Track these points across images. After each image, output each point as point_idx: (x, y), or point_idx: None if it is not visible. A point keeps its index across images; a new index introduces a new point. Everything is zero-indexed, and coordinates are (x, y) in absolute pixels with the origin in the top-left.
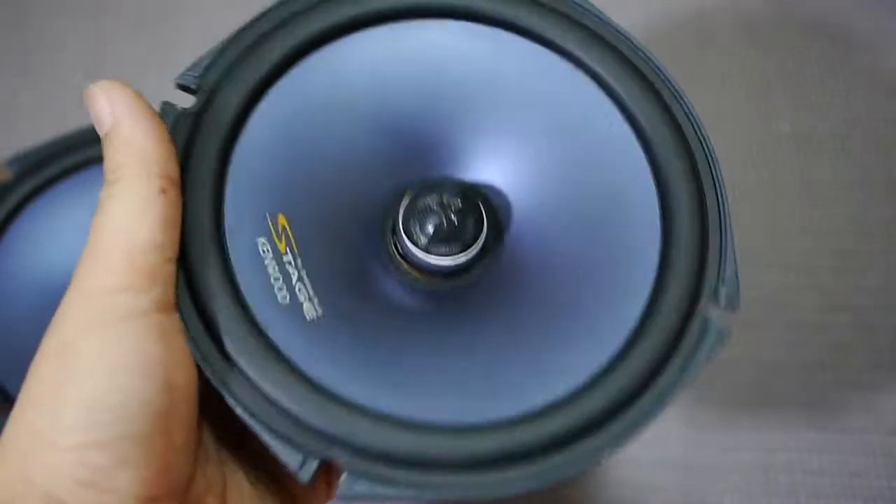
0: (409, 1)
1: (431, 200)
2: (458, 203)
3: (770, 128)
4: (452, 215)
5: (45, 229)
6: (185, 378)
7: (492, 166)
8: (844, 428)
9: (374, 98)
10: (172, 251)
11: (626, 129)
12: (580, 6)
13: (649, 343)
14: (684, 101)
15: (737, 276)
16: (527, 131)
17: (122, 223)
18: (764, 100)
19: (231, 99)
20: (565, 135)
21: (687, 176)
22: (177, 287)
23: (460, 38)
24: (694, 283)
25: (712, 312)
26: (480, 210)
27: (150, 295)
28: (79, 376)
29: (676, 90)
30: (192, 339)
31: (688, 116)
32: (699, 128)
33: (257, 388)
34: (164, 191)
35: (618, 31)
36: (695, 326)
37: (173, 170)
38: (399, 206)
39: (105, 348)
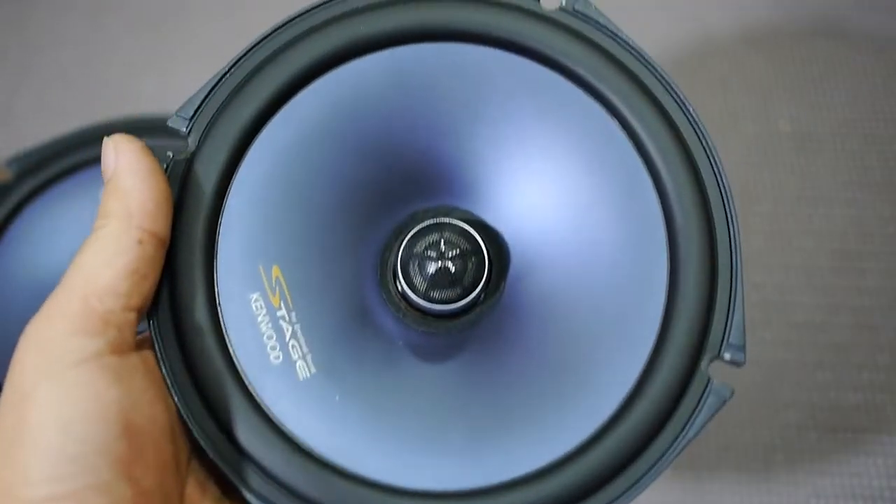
0: (405, 25)
1: (430, 243)
2: (459, 245)
3: (770, 128)
4: (451, 261)
5: (45, 229)
6: (149, 419)
7: (495, 201)
8: (844, 428)
9: (372, 131)
10: (137, 301)
11: (640, 168)
12: (595, 22)
13: (646, 406)
14: (705, 139)
15: (744, 330)
16: (532, 166)
17: (89, 268)
18: (764, 100)
19: (222, 144)
20: (575, 173)
21: (701, 228)
22: (158, 338)
23: (459, 62)
24: (698, 339)
25: (714, 370)
26: (482, 251)
27: (104, 338)
28: (38, 429)
29: (698, 125)
30: (180, 400)
31: (709, 157)
32: (720, 174)
33: (246, 454)
34: (141, 242)
35: (639, 55)
36: (695, 387)
37: (161, 226)
38: (398, 245)
39: (61, 397)
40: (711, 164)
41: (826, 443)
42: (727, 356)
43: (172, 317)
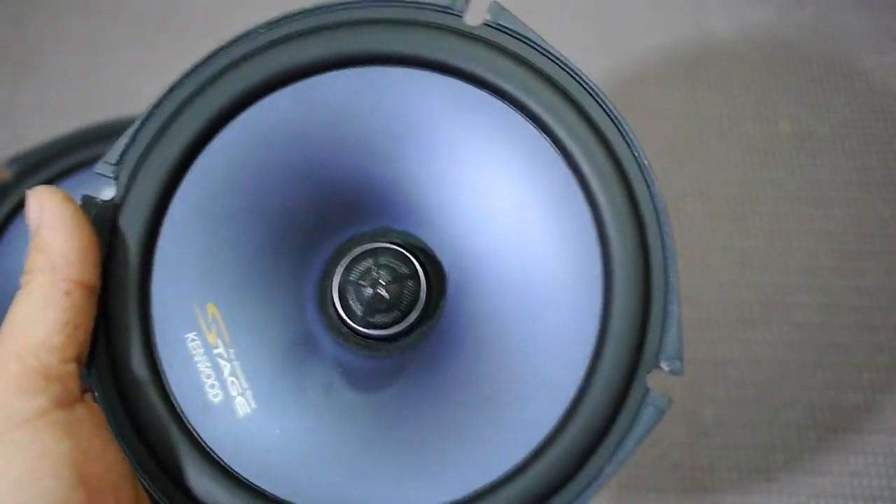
0: (326, 53)
1: (364, 269)
2: (394, 269)
3: (770, 128)
4: (386, 287)
5: None
6: (104, 465)
7: (431, 220)
8: (844, 428)
9: (302, 160)
10: (73, 352)
11: (572, 183)
12: (520, 35)
13: (582, 422)
14: (637, 150)
15: (680, 339)
16: (465, 184)
17: (21, 326)
18: (764, 100)
19: (149, 186)
20: (507, 190)
21: (633, 241)
22: (98, 388)
23: (384, 85)
24: (633, 352)
25: (653, 382)
26: (417, 274)
27: (47, 395)
28: None
29: (629, 136)
30: (126, 449)
31: (641, 170)
32: (651, 185)
33: (192, 496)
34: (68, 293)
35: (566, 67)
36: (632, 400)
37: (87, 274)
38: (335, 272)
39: (11, 458)
40: (644, 177)
41: (826, 443)
42: (665, 366)
43: (110, 365)
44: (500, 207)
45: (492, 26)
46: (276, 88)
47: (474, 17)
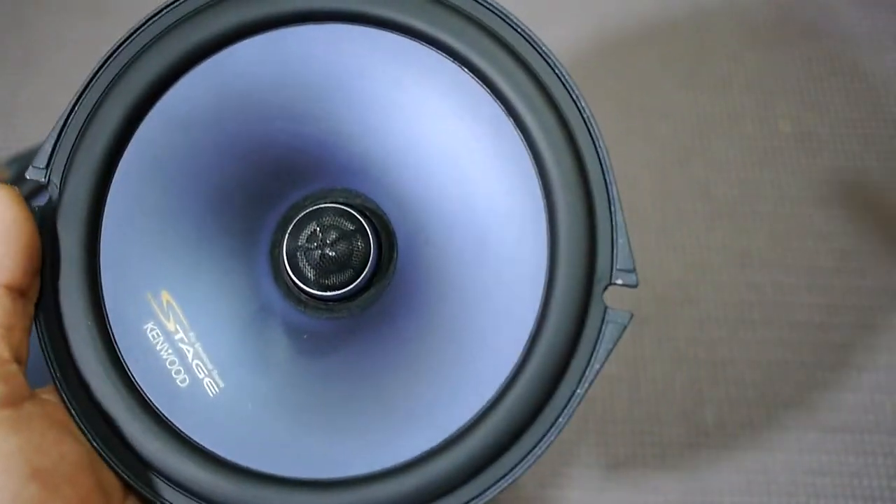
0: (254, 16)
1: (311, 232)
2: (340, 227)
3: (770, 128)
4: (333, 246)
5: None
6: (57, 457)
7: (376, 175)
8: (844, 428)
9: (239, 129)
10: (9, 354)
11: (507, 120)
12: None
13: (546, 349)
14: (573, 91)
15: (630, 253)
16: (402, 136)
17: None
18: (764, 100)
19: (82, 184)
20: (442, 136)
21: (572, 169)
22: (64, 392)
23: (313, 43)
24: (586, 272)
25: (612, 299)
26: (365, 230)
27: None
28: None
29: (566, 79)
30: (98, 445)
31: (575, 103)
32: (587, 117)
33: (174, 481)
34: None
35: (503, 16)
36: (593, 319)
37: (18, 277)
38: (282, 240)
39: None
40: (571, 95)
41: (826, 443)
42: (619, 281)
43: (72, 365)
44: (436, 152)
45: None
46: (194, 65)
47: None
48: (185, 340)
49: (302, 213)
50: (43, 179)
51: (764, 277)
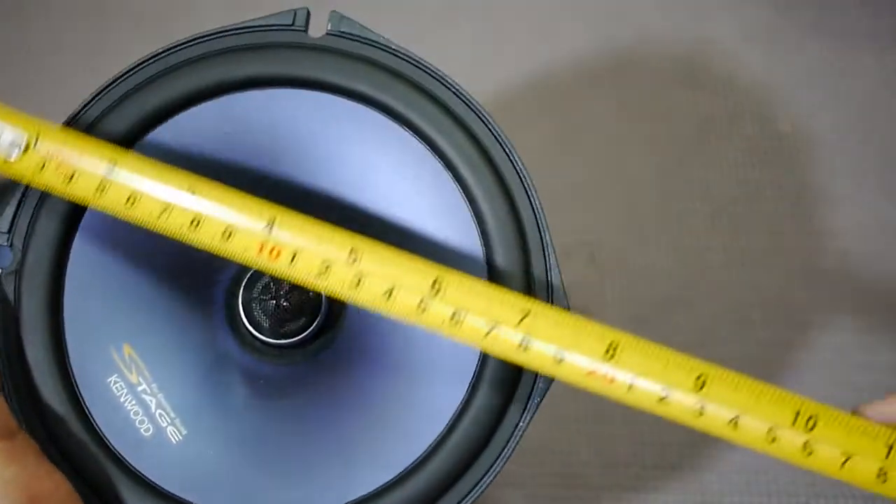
0: (194, 86)
1: (265, 284)
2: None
3: (770, 128)
4: (286, 296)
5: None
6: (51, 484)
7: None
8: None
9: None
10: None
11: (439, 167)
12: (362, 38)
13: (490, 383)
14: (492, 126)
15: (562, 286)
16: (348, 187)
17: None
18: (764, 100)
19: (44, 248)
20: (384, 186)
21: (503, 208)
22: (35, 441)
23: (257, 108)
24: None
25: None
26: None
27: None
28: None
29: (479, 111)
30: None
31: (499, 141)
32: (512, 154)
33: None
34: None
35: (408, 58)
36: None
37: None
38: (238, 292)
39: None
40: (498, 141)
41: None
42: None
43: (41, 423)
44: (382, 205)
45: (334, 34)
46: (150, 129)
47: (318, 30)
48: (148, 391)
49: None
50: (5, 243)
51: (764, 278)
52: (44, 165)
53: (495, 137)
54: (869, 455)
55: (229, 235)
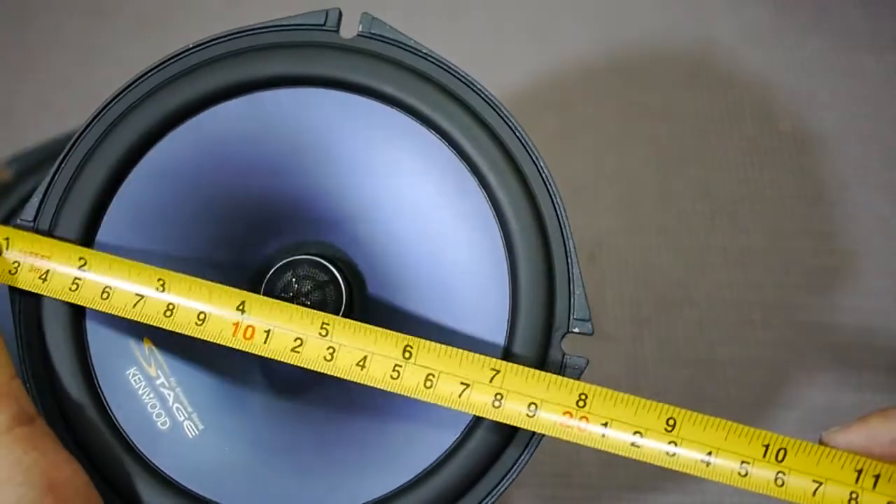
0: (225, 82)
1: (286, 282)
2: (313, 278)
3: (770, 128)
4: (308, 295)
5: None
6: (69, 473)
7: (343, 229)
8: None
9: (208, 195)
10: (9, 370)
11: (469, 177)
12: (393, 41)
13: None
14: (523, 137)
15: (587, 303)
16: (371, 191)
17: None
18: (764, 100)
19: (69, 235)
20: (408, 191)
21: (532, 225)
22: (39, 406)
23: (285, 106)
24: (545, 322)
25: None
26: (337, 279)
27: (7, 413)
28: None
29: (510, 121)
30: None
31: (528, 152)
32: (542, 168)
33: None
34: None
35: (441, 64)
36: (552, 366)
37: None
38: (259, 290)
39: None
40: (528, 151)
41: None
42: (576, 329)
43: (58, 408)
44: (405, 208)
45: (365, 36)
46: (176, 125)
47: (349, 31)
48: (166, 385)
49: (278, 264)
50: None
51: (764, 277)
52: (18, 266)
53: (522, 145)
54: (839, 481)
55: (203, 319)
